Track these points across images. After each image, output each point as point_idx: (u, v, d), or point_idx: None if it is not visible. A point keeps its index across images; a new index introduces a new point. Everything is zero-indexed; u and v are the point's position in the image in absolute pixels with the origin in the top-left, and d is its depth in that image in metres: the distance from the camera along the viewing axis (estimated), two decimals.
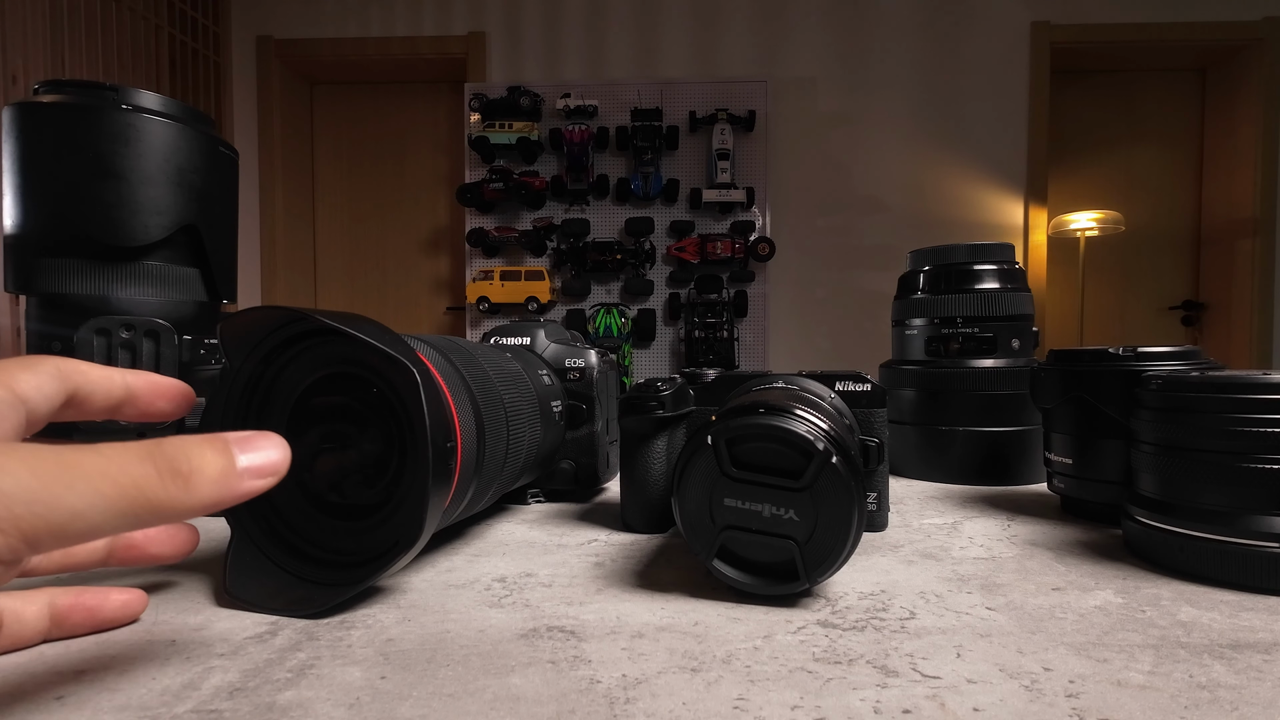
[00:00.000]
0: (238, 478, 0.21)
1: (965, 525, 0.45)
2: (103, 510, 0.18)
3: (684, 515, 0.32)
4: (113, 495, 0.18)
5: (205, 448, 0.21)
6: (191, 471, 0.20)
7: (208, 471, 0.20)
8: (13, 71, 2.09)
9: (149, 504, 0.19)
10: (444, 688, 0.24)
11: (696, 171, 2.81)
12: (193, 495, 0.20)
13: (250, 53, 3.03)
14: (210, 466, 0.20)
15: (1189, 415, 0.34)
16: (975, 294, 0.59)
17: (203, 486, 0.20)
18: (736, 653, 0.26)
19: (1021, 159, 2.88)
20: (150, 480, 0.19)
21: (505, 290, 2.73)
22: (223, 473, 0.21)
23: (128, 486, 0.19)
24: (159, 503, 0.19)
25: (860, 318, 2.87)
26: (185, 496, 0.20)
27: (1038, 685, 0.24)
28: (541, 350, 0.50)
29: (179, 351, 0.43)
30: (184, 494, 0.20)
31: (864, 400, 0.42)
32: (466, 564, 0.37)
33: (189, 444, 0.20)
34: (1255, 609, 0.30)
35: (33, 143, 0.42)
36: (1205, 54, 2.99)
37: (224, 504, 0.21)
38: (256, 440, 0.22)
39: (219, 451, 0.21)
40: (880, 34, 2.88)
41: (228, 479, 0.21)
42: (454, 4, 2.97)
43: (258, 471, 0.22)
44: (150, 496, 0.19)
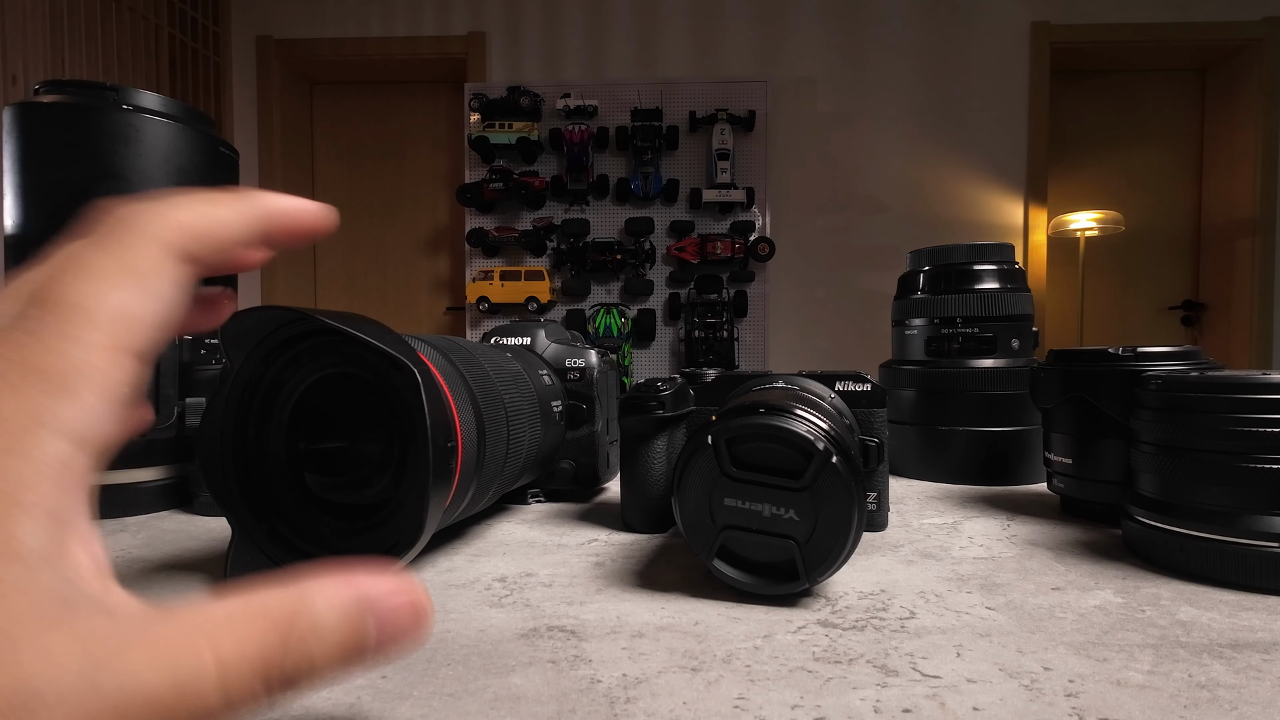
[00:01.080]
0: (358, 663, 0.15)
1: (965, 525, 0.45)
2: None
3: (684, 515, 0.32)
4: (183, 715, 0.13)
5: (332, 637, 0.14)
6: (308, 675, 0.14)
7: (322, 667, 0.14)
8: (13, 71, 2.09)
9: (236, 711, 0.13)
10: (444, 687, 0.24)
11: (696, 171, 2.81)
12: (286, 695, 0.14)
13: (250, 53, 3.03)
14: (328, 660, 0.14)
15: (1189, 415, 0.34)
16: (975, 294, 0.59)
17: (308, 686, 0.14)
18: (736, 652, 0.26)
19: (1021, 159, 2.88)
20: (252, 698, 0.13)
21: (505, 290, 2.73)
22: (340, 664, 0.14)
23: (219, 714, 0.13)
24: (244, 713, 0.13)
25: (860, 318, 2.87)
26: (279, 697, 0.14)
27: (1037, 685, 0.24)
28: (541, 350, 0.50)
29: (179, 351, 0.43)
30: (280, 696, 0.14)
31: (864, 400, 0.42)
32: (467, 564, 0.37)
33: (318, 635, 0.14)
34: (1255, 609, 0.30)
35: (33, 143, 0.42)
36: (1205, 54, 2.99)
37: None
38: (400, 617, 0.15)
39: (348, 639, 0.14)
40: (880, 34, 2.88)
41: (343, 669, 0.14)
42: (454, 4, 2.97)
43: (385, 651, 0.15)
44: (238, 711, 0.13)
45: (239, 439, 0.32)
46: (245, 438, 0.32)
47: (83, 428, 0.14)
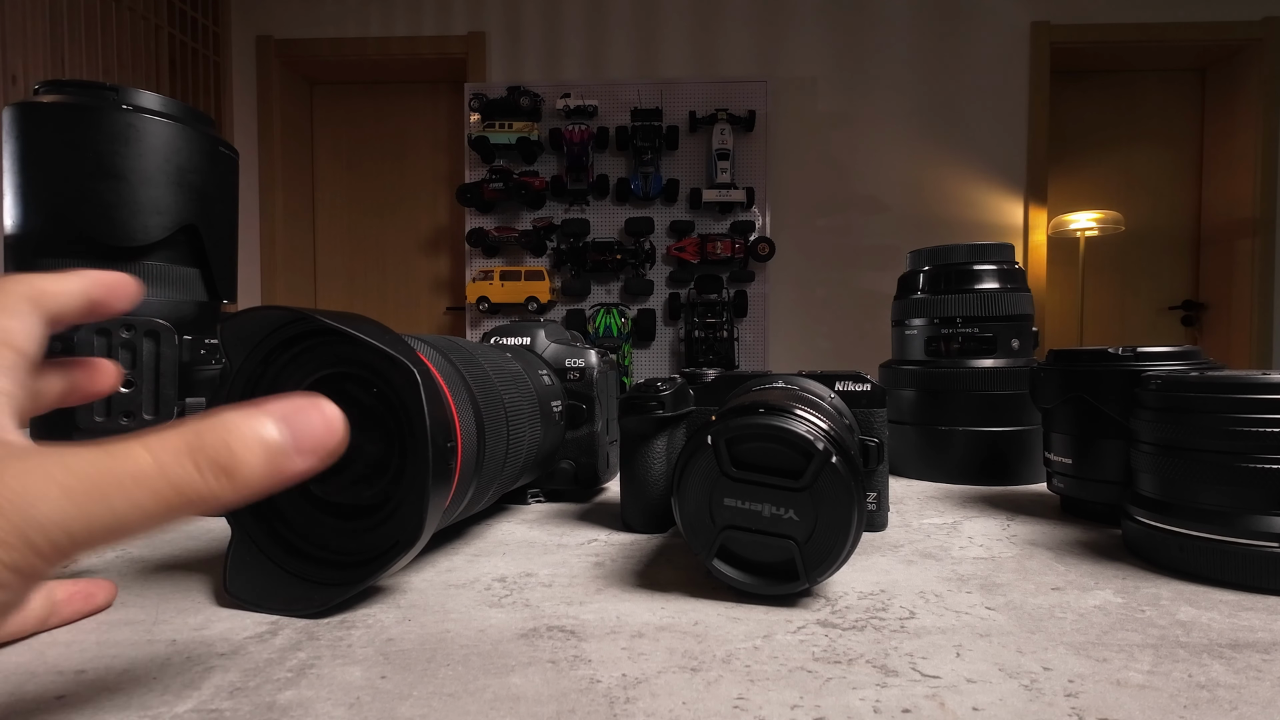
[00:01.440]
0: (285, 459, 0.19)
1: (965, 525, 0.45)
2: (140, 520, 0.17)
3: (684, 515, 0.32)
4: (151, 504, 0.17)
5: (248, 431, 0.18)
6: (235, 463, 0.18)
7: (252, 460, 0.18)
8: (13, 71, 2.09)
9: (190, 504, 0.17)
10: (444, 687, 0.24)
11: (696, 171, 2.81)
12: (238, 488, 0.18)
13: (250, 53, 3.03)
14: (255, 453, 0.18)
15: (1189, 415, 0.34)
16: (975, 294, 0.59)
17: (249, 476, 0.18)
18: (736, 652, 0.26)
19: (1021, 159, 2.88)
20: (191, 479, 0.17)
21: (505, 290, 2.73)
22: (269, 456, 0.18)
23: (167, 492, 0.17)
24: (202, 501, 0.18)
25: (860, 318, 2.87)
26: (230, 491, 0.18)
27: (1037, 685, 0.24)
28: (541, 350, 0.50)
29: (179, 351, 0.43)
30: (229, 488, 0.18)
31: (864, 400, 0.42)
32: (466, 564, 0.37)
33: (230, 429, 0.18)
34: (1254, 609, 0.30)
35: (33, 143, 0.42)
36: (1205, 54, 2.99)
37: (274, 490, 0.19)
38: (305, 412, 0.19)
39: (263, 434, 0.18)
40: (880, 34, 2.88)
41: (275, 462, 0.18)
42: (454, 4, 2.97)
43: (309, 449, 0.19)
44: (192, 497, 0.17)
45: None
46: None
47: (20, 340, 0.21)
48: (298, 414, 0.19)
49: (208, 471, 0.17)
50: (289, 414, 0.19)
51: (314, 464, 0.19)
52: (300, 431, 0.19)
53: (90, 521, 0.16)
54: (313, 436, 0.19)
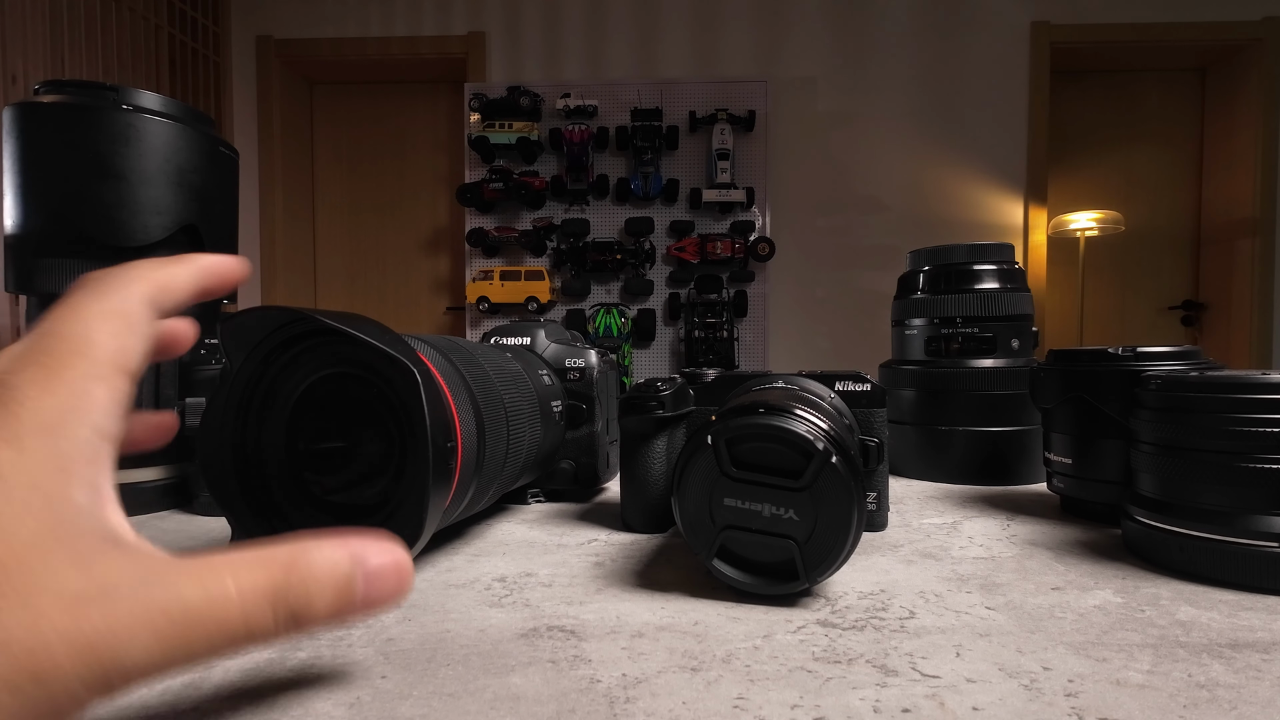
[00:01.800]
0: (350, 610, 0.18)
1: (965, 525, 0.45)
2: (204, 657, 0.16)
3: (684, 515, 0.32)
4: (222, 645, 0.16)
5: (331, 579, 0.18)
6: (308, 612, 0.17)
7: (323, 610, 0.18)
8: (12, 71, 2.09)
9: (249, 644, 0.17)
10: (444, 687, 0.24)
11: (696, 171, 2.81)
12: (295, 632, 0.18)
13: (250, 53, 3.03)
14: (328, 604, 0.18)
15: (1189, 415, 0.34)
16: (975, 294, 0.59)
17: (310, 624, 0.18)
18: (736, 652, 0.26)
19: (1021, 159, 2.88)
20: (265, 624, 0.17)
21: (505, 290, 2.72)
22: (336, 607, 0.18)
23: (240, 634, 0.17)
24: (258, 642, 0.17)
25: (860, 318, 2.87)
26: (288, 635, 0.17)
27: (1037, 684, 0.24)
28: (541, 350, 0.50)
29: None
30: (289, 632, 0.17)
31: (864, 400, 0.42)
32: (466, 564, 0.37)
33: (316, 575, 0.17)
34: (1254, 609, 0.30)
35: (33, 143, 0.42)
36: (1205, 54, 2.99)
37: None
38: (385, 565, 0.19)
39: (345, 586, 0.18)
40: (880, 34, 2.88)
41: (338, 614, 0.18)
42: (454, 4, 2.97)
43: (373, 604, 0.19)
44: (257, 637, 0.17)
45: (239, 439, 0.32)
46: (245, 438, 0.32)
47: (99, 421, 0.18)
48: (375, 558, 0.19)
49: (282, 618, 0.17)
50: (368, 560, 0.18)
51: (370, 617, 0.19)
52: (372, 583, 0.18)
53: (166, 661, 0.16)
54: (382, 590, 0.19)
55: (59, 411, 0.17)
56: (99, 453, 0.18)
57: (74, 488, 0.17)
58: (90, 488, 0.17)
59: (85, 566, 0.16)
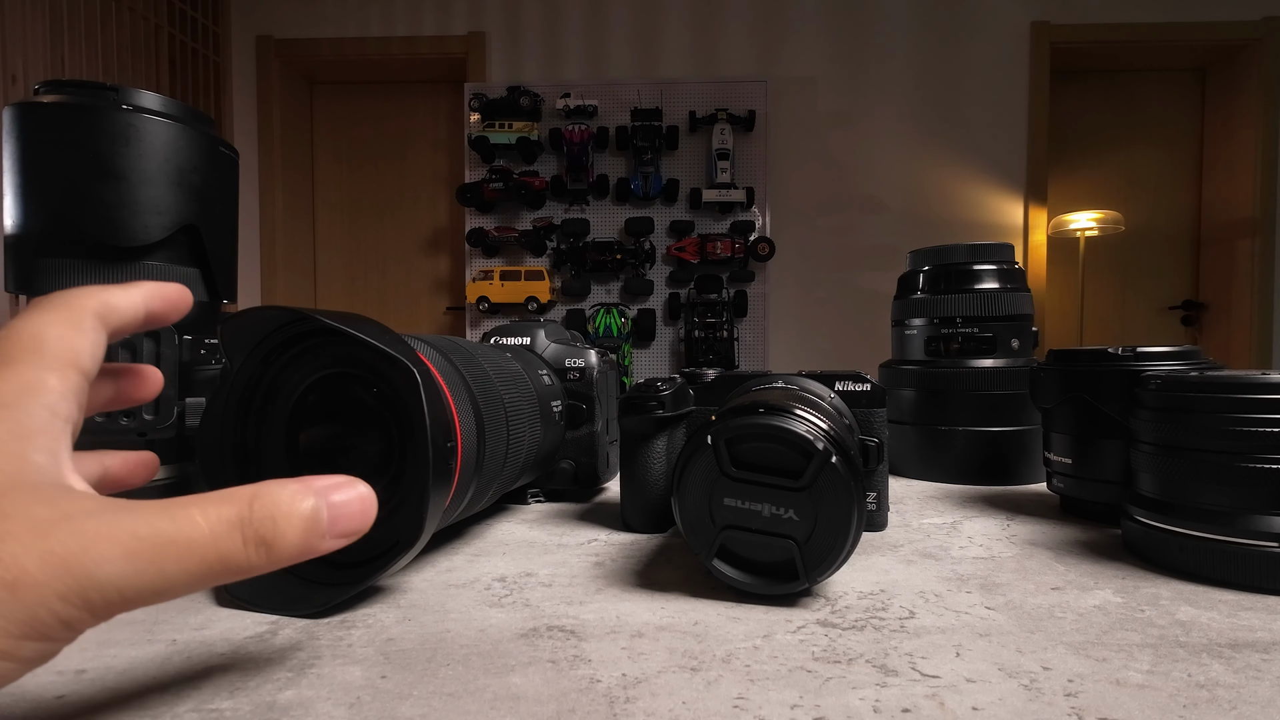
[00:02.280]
0: (319, 538, 0.19)
1: (965, 525, 0.45)
2: (185, 584, 0.18)
3: (684, 515, 0.32)
4: (197, 570, 0.18)
5: (293, 509, 0.19)
6: (276, 538, 0.19)
7: (291, 536, 0.19)
8: (12, 71, 2.09)
9: (228, 572, 0.18)
10: (444, 687, 0.24)
11: (696, 171, 2.81)
12: (271, 560, 0.19)
13: (250, 53, 3.03)
14: (295, 530, 0.19)
15: (1189, 415, 0.34)
16: (975, 294, 0.59)
17: (284, 551, 0.19)
18: (736, 652, 0.26)
19: (1021, 159, 2.88)
20: (235, 550, 0.18)
21: (505, 290, 2.73)
22: (305, 535, 0.19)
23: (213, 560, 0.18)
24: (239, 570, 0.18)
25: (860, 318, 2.87)
26: (264, 562, 0.19)
27: (1037, 684, 0.24)
28: (541, 350, 0.50)
29: (179, 351, 0.43)
30: (265, 561, 0.19)
31: (864, 400, 0.42)
32: (466, 564, 0.37)
33: (278, 504, 0.19)
34: (1254, 608, 0.30)
35: (33, 143, 0.42)
36: (1205, 54, 2.99)
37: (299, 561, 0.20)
38: (345, 494, 0.20)
39: (307, 512, 0.19)
40: (880, 34, 2.88)
41: (309, 541, 0.19)
42: (454, 4, 2.97)
43: (341, 532, 0.20)
44: (231, 566, 0.18)
45: (239, 439, 0.32)
46: (245, 438, 0.32)
47: (56, 404, 0.20)
48: (337, 493, 0.20)
49: (251, 544, 0.18)
50: (329, 493, 0.20)
51: (343, 544, 0.20)
52: (337, 514, 0.20)
53: (143, 583, 0.17)
54: (348, 517, 0.20)
55: (15, 393, 0.19)
56: (55, 428, 0.20)
57: (33, 452, 0.19)
58: (48, 454, 0.19)
59: (50, 503, 0.17)
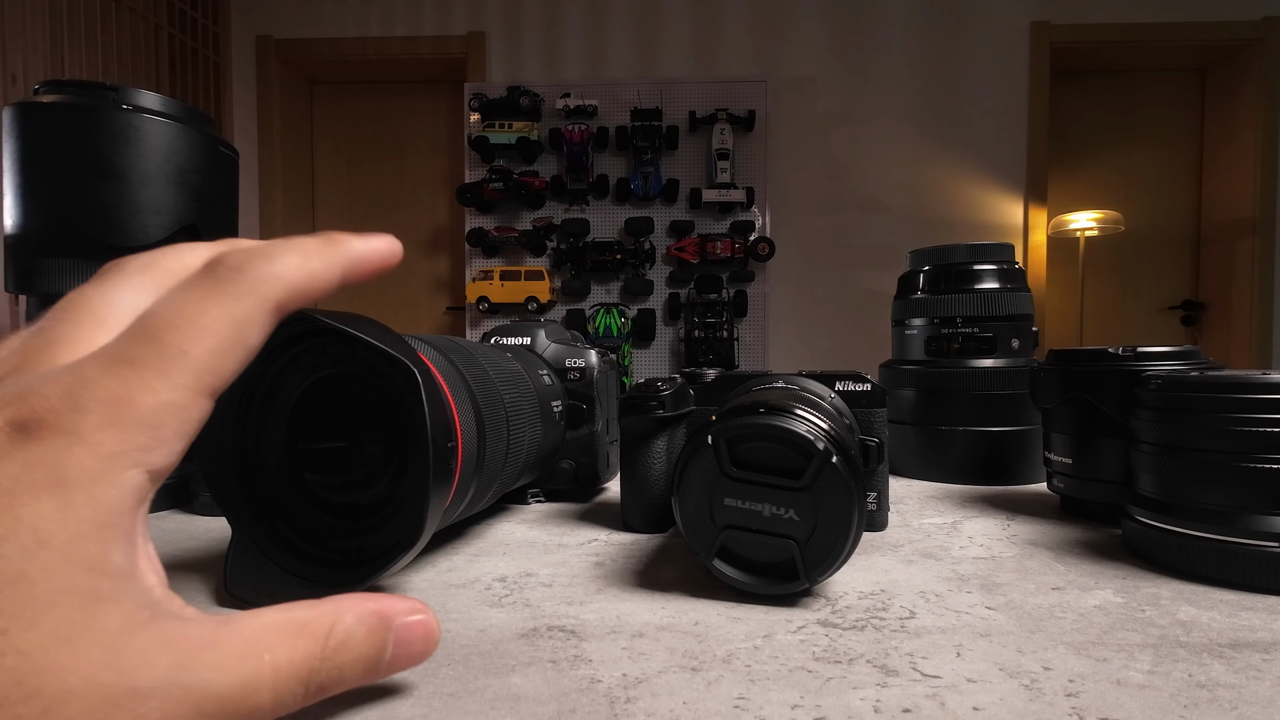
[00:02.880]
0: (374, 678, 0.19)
1: (965, 525, 0.45)
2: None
3: (684, 515, 0.32)
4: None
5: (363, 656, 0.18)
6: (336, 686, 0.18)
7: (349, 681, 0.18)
8: (12, 71, 2.09)
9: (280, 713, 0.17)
10: (444, 687, 0.24)
11: (696, 171, 2.81)
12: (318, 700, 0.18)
13: (250, 53, 3.03)
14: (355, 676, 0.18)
15: (1189, 415, 0.34)
16: (975, 294, 0.59)
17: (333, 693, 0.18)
18: (737, 652, 0.26)
19: (1021, 159, 2.88)
20: (295, 703, 0.17)
21: (505, 290, 2.73)
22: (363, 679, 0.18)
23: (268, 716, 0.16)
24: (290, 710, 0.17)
25: (860, 318, 2.87)
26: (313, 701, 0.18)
27: (1037, 684, 0.24)
28: (541, 350, 0.50)
29: None
30: (314, 700, 0.17)
31: (864, 400, 0.42)
32: (466, 564, 0.37)
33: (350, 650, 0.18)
34: (1255, 608, 0.30)
35: (33, 143, 0.42)
36: (1205, 54, 2.99)
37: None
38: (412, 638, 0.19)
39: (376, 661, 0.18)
40: (880, 34, 2.88)
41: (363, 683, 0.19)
42: (454, 4, 2.97)
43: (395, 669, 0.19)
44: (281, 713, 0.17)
45: (239, 439, 0.32)
46: (245, 438, 0.32)
47: (158, 461, 0.16)
48: (410, 641, 0.19)
49: (312, 695, 0.17)
50: (403, 638, 0.19)
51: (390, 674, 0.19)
52: (399, 658, 0.19)
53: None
54: (405, 662, 0.19)
55: (118, 449, 0.15)
56: (144, 496, 0.16)
57: (115, 548, 0.15)
58: (129, 542, 0.15)
59: (118, 657, 0.14)
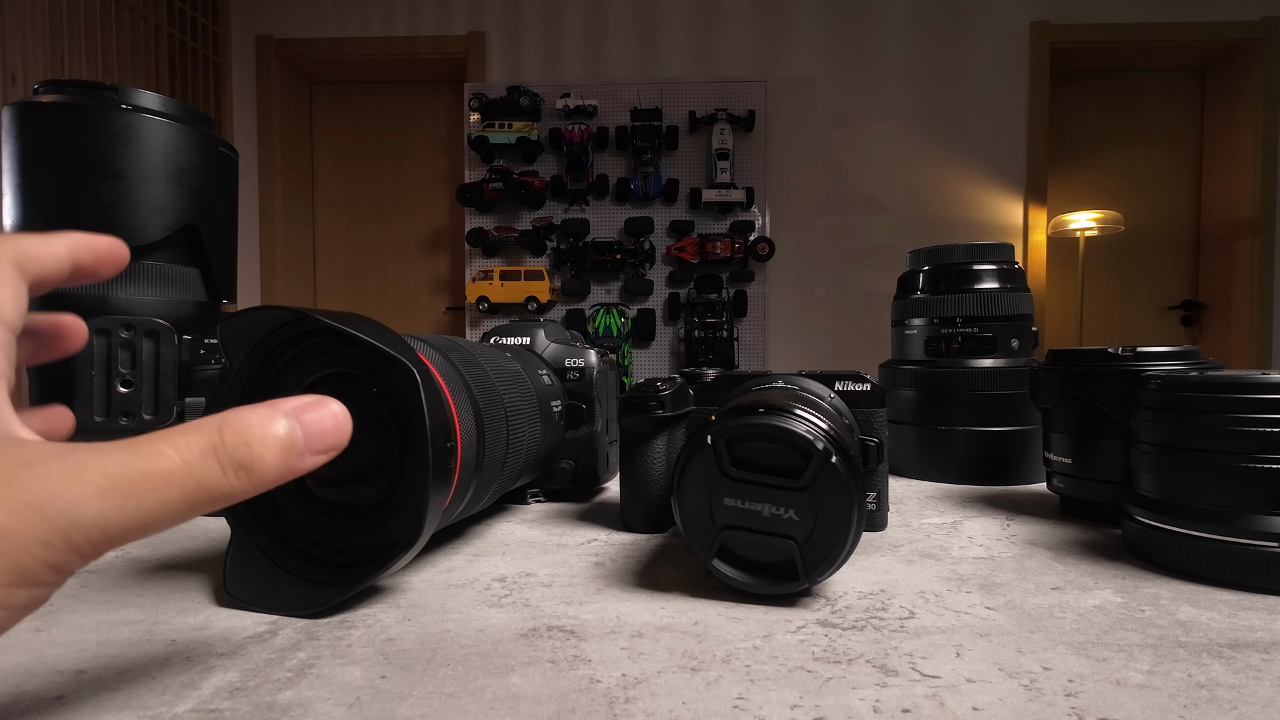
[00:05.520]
0: (299, 457, 0.20)
1: (965, 525, 0.45)
2: (168, 516, 0.18)
3: (684, 515, 0.32)
4: (178, 501, 0.18)
5: (265, 430, 0.19)
6: (254, 461, 0.19)
7: (270, 458, 0.19)
8: (12, 71, 2.09)
9: (212, 500, 0.18)
10: (444, 687, 0.24)
11: (696, 171, 2.81)
12: (254, 483, 0.19)
13: (250, 53, 3.03)
14: (272, 452, 0.19)
15: (1188, 415, 0.34)
16: (975, 294, 0.59)
17: (265, 472, 0.19)
18: (736, 652, 0.26)
19: (1021, 159, 2.88)
20: (214, 476, 0.18)
21: (505, 290, 2.73)
22: (284, 455, 0.19)
23: (193, 489, 0.18)
24: (222, 497, 0.18)
25: (860, 318, 2.87)
26: (247, 486, 0.19)
27: (1037, 684, 0.24)
28: (541, 350, 0.50)
29: (179, 351, 0.43)
30: (246, 484, 0.19)
31: (864, 400, 0.42)
32: (466, 564, 0.37)
33: (249, 427, 0.19)
34: (1254, 608, 0.30)
35: (32, 143, 0.42)
36: (1205, 54, 2.99)
37: (283, 482, 0.20)
38: (316, 411, 0.20)
39: (279, 432, 0.19)
40: (880, 34, 2.88)
41: (288, 459, 0.19)
42: (454, 4, 2.96)
43: (319, 447, 0.20)
44: (214, 493, 0.18)
45: None
46: None
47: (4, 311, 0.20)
48: (309, 412, 0.20)
49: (229, 469, 0.18)
50: (301, 413, 0.20)
51: (323, 460, 0.20)
52: (311, 430, 0.20)
53: (125, 519, 0.17)
54: (323, 434, 0.20)
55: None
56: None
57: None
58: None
59: (3, 453, 0.17)
